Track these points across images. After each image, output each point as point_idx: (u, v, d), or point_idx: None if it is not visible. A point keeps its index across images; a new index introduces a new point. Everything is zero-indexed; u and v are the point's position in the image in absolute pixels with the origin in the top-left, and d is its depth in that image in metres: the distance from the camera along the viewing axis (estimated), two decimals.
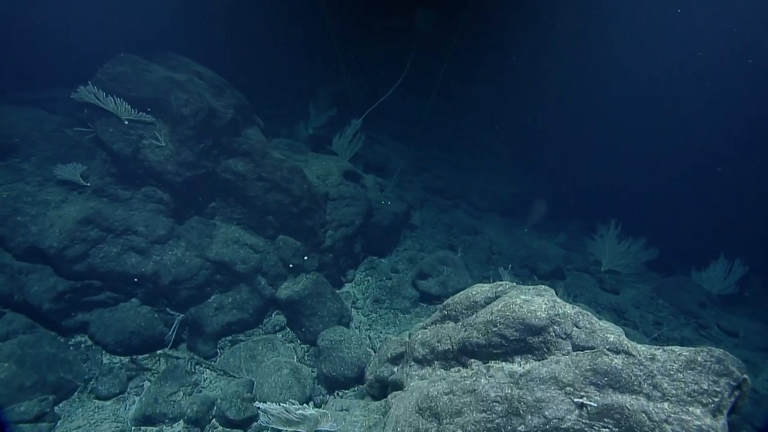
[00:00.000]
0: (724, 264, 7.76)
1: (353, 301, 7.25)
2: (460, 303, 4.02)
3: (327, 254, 6.88)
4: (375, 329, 6.83)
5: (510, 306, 3.42)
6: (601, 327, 3.16)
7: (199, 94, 5.39)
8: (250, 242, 6.37)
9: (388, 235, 8.42)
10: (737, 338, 7.08)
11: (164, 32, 8.15)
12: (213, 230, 6.16)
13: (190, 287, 5.64)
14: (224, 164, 5.98)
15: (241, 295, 6.22)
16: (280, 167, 6.22)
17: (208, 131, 5.51)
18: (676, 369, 2.83)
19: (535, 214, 10.83)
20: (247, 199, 6.21)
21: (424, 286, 7.40)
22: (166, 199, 5.56)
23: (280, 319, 6.48)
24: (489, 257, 8.54)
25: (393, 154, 13.85)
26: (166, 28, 8.13)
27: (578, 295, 7.74)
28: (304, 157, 7.88)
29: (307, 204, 6.39)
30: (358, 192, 7.47)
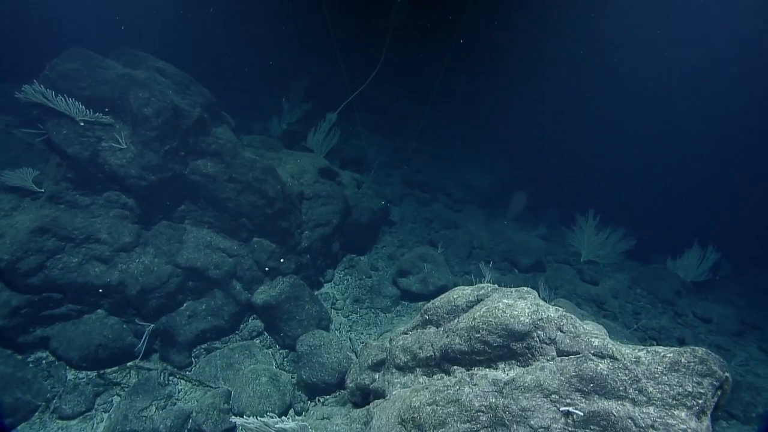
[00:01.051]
0: (698, 252, 7.95)
1: (333, 302, 7.09)
2: (441, 307, 3.91)
3: (304, 255, 6.68)
4: (356, 330, 6.70)
5: (492, 311, 3.33)
6: (585, 330, 3.10)
7: (162, 93, 5.06)
8: (223, 246, 6.11)
9: (367, 233, 8.27)
10: (711, 324, 7.26)
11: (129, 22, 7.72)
12: (183, 235, 5.87)
13: (160, 296, 5.36)
14: (192, 166, 5.69)
15: (216, 301, 5.98)
16: (253, 167, 5.96)
17: (173, 132, 5.21)
18: (660, 372, 2.79)
19: (515, 206, 10.86)
20: (218, 201, 5.94)
21: (405, 284, 7.30)
22: (131, 204, 5.25)
23: (257, 324, 6.27)
24: (470, 252, 8.50)
25: (370, 146, 13.65)
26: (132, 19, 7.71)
27: (559, 287, 7.79)
28: (277, 155, 7.61)
29: (282, 205, 6.16)
30: (334, 190, 7.27)
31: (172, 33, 12.05)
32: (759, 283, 10.02)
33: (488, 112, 16.01)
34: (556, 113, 15.15)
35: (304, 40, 16.31)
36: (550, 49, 13.76)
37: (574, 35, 13.47)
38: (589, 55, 13.55)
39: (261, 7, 14.68)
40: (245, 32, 15.31)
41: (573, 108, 14.64)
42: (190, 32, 12.44)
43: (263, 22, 14.97)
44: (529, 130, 15.56)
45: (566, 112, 15.02)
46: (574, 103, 14.53)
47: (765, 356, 6.87)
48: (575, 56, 13.75)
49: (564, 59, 13.94)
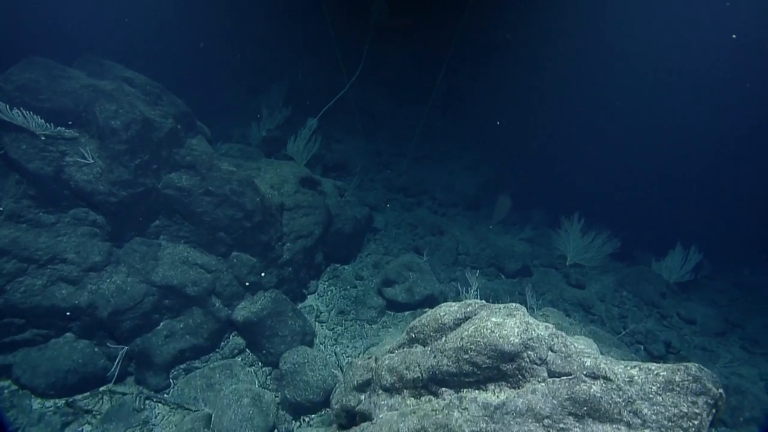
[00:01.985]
0: (681, 253, 8.02)
1: (317, 314, 6.90)
2: (428, 325, 3.77)
3: (286, 268, 6.47)
4: (341, 343, 6.53)
5: (481, 331, 3.20)
6: (576, 350, 3.00)
7: (131, 104, 4.81)
8: (200, 261, 5.87)
9: (351, 242, 8.11)
10: (695, 325, 7.31)
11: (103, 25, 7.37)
12: (158, 251, 5.62)
13: (134, 316, 5.10)
14: (166, 179, 5.44)
15: (194, 319, 5.74)
16: (230, 180, 5.74)
17: (144, 144, 4.95)
18: (654, 392, 2.70)
19: (500, 210, 10.82)
20: (194, 215, 5.70)
21: (390, 294, 7.16)
22: (101, 222, 4.97)
23: (239, 341, 6.05)
24: (455, 258, 8.40)
25: (352, 150, 13.47)
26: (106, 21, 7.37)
27: (546, 292, 7.76)
28: (256, 164, 7.38)
29: (261, 218, 5.95)
30: (316, 200, 7.08)
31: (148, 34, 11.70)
32: (738, 280, 10.19)
33: (469, 111, 15.94)
34: (539, 112, 15.20)
35: (284, 39, 16.03)
36: (533, 47, 13.79)
37: (558, 34, 13.54)
38: (573, 54, 13.63)
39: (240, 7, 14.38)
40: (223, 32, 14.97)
41: (556, 107, 14.70)
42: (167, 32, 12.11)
43: (243, 22, 14.65)
44: (512, 129, 15.55)
45: (549, 111, 15.08)
46: (558, 102, 14.59)
47: (747, 355, 6.95)
48: (559, 56, 13.81)
49: (548, 58, 13.99)
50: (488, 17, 12.98)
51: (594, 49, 13.44)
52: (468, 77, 16.01)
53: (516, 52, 14.13)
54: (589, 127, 14.34)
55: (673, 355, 6.30)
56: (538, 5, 12.90)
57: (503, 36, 13.65)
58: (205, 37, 14.75)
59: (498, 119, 15.38)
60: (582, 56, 13.71)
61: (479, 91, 15.53)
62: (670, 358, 6.26)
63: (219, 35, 15.06)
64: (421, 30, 15.00)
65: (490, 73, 14.98)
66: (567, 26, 13.36)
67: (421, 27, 14.87)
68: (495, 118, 15.60)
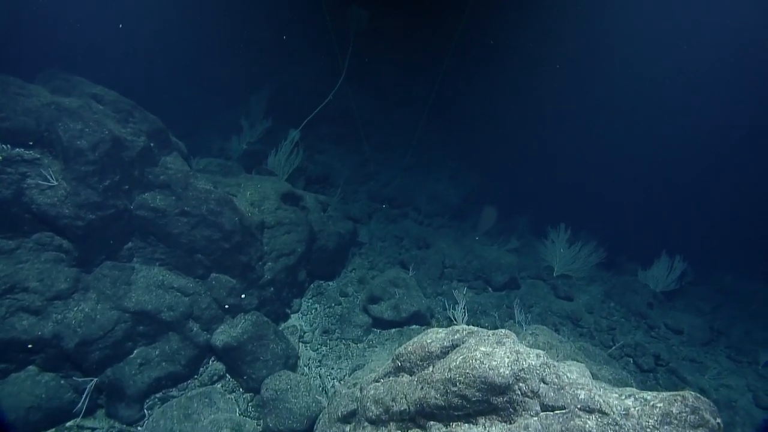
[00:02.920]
0: (666, 262, 8.05)
1: (300, 335, 6.67)
2: (414, 353, 3.61)
3: (267, 289, 6.24)
4: (326, 365, 6.31)
5: (469, 362, 3.05)
6: (569, 380, 2.87)
7: (98, 122, 4.56)
8: (177, 284, 5.61)
9: (335, 257, 7.91)
10: (682, 335, 7.31)
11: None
12: (131, 275, 5.34)
13: (104, 346, 4.81)
14: (139, 200, 5.18)
15: (171, 345, 5.46)
16: (207, 199, 5.50)
17: (114, 165, 4.70)
18: (652, 425, 2.58)
19: (486, 220, 10.76)
20: (170, 237, 5.45)
21: (376, 311, 6.98)
22: (67, 246, 4.69)
23: (219, 367, 5.78)
24: (442, 272, 8.27)
25: (336, 162, 13.30)
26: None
27: (534, 304, 7.68)
28: (236, 180, 7.15)
29: (240, 238, 5.72)
30: (298, 216, 6.87)
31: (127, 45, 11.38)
32: (720, 286, 10.30)
33: (453, 119, 15.92)
34: (523, 119, 15.27)
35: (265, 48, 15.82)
36: (518, 56, 13.86)
37: (544, 42, 13.64)
38: (558, 63, 13.75)
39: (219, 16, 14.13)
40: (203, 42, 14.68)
41: (540, 114, 14.79)
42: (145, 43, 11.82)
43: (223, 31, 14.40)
44: (496, 137, 15.58)
45: (533, 119, 15.15)
46: (542, 110, 14.68)
47: (733, 365, 6.96)
48: (545, 64, 13.92)
49: (533, 66, 14.08)
50: (474, 26, 13.02)
51: (580, 59, 13.60)
52: (452, 85, 16.04)
53: (500, 59, 14.19)
54: (573, 134, 14.46)
55: (663, 367, 6.25)
56: (522, 13, 12.98)
57: (487, 43, 13.69)
58: (183, 47, 14.45)
59: (482, 127, 15.40)
60: (567, 65, 13.85)
61: (462, 100, 15.54)
62: (660, 370, 6.21)
63: (198, 45, 14.77)
64: (406, 38, 14.97)
65: (473, 82, 15.00)
66: (552, 34, 13.49)
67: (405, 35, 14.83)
68: (478, 127, 15.62)
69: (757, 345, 7.76)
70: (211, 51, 15.12)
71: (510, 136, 15.49)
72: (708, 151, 13.39)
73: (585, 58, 13.60)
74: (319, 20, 15.09)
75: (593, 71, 13.68)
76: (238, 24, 14.48)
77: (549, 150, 14.87)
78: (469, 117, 15.31)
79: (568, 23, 12.97)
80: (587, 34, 13.03)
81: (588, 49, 13.29)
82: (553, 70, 13.69)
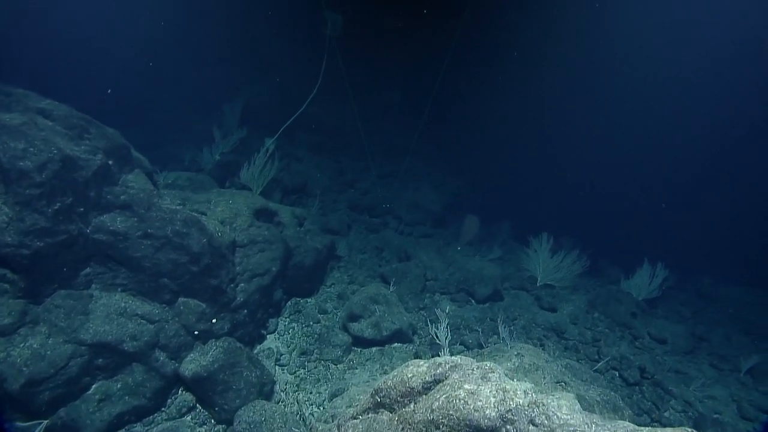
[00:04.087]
0: (648, 270, 8.04)
1: (277, 357, 6.34)
2: (395, 389, 3.36)
3: (240, 312, 5.90)
4: (304, 389, 6.00)
5: (453, 402, 2.82)
6: (560, 421, 2.66)
7: (46, 140, 4.18)
8: (141, 311, 5.22)
9: (313, 274, 7.61)
10: (666, 345, 7.27)
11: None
12: (89, 303, 4.93)
13: (55, 385, 4.40)
14: (97, 223, 4.80)
15: (134, 377, 5.08)
16: (172, 220, 5.15)
17: (65, 186, 4.32)
18: None
19: (468, 230, 10.61)
20: (132, 261, 5.07)
21: (356, 330, 6.71)
22: (11, 277, 4.27)
23: (188, 397, 5.41)
24: (424, 285, 8.06)
25: (313, 170, 12.98)
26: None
27: (518, 317, 7.54)
28: (206, 195, 6.79)
29: (210, 260, 5.38)
30: (272, 233, 6.55)
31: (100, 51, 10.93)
32: (700, 290, 10.40)
33: (429, 123, 15.81)
34: (502, 123, 15.26)
35: (239, 55, 15.43)
36: (491, 55, 13.83)
37: (526, 48, 13.65)
38: (539, 69, 13.77)
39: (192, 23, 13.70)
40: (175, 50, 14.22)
41: (519, 118, 14.79)
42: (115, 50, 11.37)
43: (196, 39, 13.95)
44: (474, 140, 15.52)
45: (512, 122, 15.15)
46: (521, 116, 14.69)
47: (716, 373, 6.95)
48: (526, 69, 13.92)
49: (507, 68, 14.07)
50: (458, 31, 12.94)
51: (562, 65, 13.66)
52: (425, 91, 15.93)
53: (483, 64, 14.15)
54: (553, 138, 14.51)
55: (648, 380, 6.16)
56: (502, 19, 12.96)
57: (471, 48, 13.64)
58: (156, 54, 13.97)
59: (462, 133, 15.32)
60: (548, 71, 13.90)
61: (442, 106, 15.44)
62: (645, 383, 6.12)
63: (172, 52, 14.30)
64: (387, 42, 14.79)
65: (452, 87, 14.93)
66: (537, 39, 13.52)
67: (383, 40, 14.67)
68: (459, 132, 15.54)
69: (737, 350, 7.81)
70: (184, 58, 14.66)
71: (491, 140, 15.46)
72: (687, 155, 13.62)
73: (568, 63, 13.68)
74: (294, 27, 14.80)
75: (575, 77, 13.77)
76: (213, 31, 14.08)
77: (530, 155, 14.90)
78: (450, 122, 15.23)
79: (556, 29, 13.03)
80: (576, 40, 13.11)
81: (574, 54, 13.37)
82: (536, 75, 13.73)
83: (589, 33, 12.69)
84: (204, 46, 14.51)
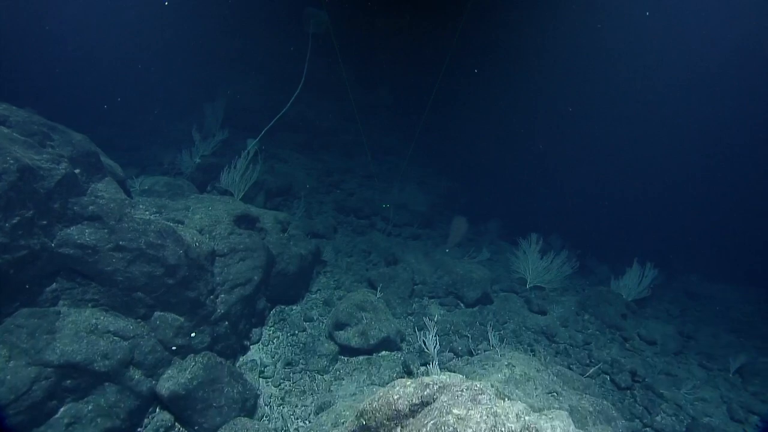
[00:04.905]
0: (638, 270, 7.99)
1: (261, 369, 6.11)
2: (380, 411, 3.17)
3: (221, 324, 5.66)
4: (289, 402, 5.79)
5: (441, 429, 2.65)
6: None
7: (1, 149, 3.87)
8: (114, 327, 4.94)
9: (297, 281, 7.39)
10: (656, 346, 7.23)
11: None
12: (56, 321, 4.64)
13: (17, 412, 4.10)
14: (62, 236, 4.50)
15: (107, 398, 4.79)
16: (146, 231, 4.88)
17: (24, 199, 4.02)
18: None
19: (456, 232, 10.47)
20: (103, 275, 4.78)
21: (343, 339, 6.51)
22: None
23: (166, 417, 5.14)
24: (412, 290, 7.89)
25: (298, 171, 12.71)
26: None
27: (508, 320, 7.42)
28: (184, 202, 6.50)
29: (187, 272, 5.12)
30: (253, 241, 6.30)
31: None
32: (686, 288, 10.44)
33: (413, 122, 15.67)
34: (488, 121, 15.17)
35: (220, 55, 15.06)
36: (479, 55, 13.71)
37: (510, 44, 13.54)
38: (525, 63, 13.68)
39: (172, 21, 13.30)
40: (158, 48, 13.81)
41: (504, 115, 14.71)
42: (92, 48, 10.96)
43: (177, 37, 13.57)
44: (460, 138, 15.41)
45: (497, 120, 15.08)
46: (507, 113, 14.61)
47: (706, 374, 6.92)
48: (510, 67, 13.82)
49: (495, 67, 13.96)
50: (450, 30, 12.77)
51: (549, 64, 13.59)
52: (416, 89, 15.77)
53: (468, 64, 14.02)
54: (540, 137, 14.46)
55: (639, 383, 6.09)
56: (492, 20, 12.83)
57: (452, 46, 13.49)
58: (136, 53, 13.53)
59: (449, 132, 15.18)
60: (536, 70, 13.82)
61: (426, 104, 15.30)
62: (637, 387, 6.05)
63: (152, 52, 13.88)
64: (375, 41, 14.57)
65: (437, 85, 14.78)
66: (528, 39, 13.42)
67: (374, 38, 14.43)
68: (446, 131, 15.40)
69: (724, 349, 7.82)
70: (165, 57, 14.24)
71: (477, 139, 15.36)
72: (673, 154, 13.70)
73: (556, 62, 13.62)
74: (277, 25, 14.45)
75: (563, 75, 13.72)
76: (194, 30, 13.70)
77: (517, 153, 14.84)
78: (437, 124, 15.09)
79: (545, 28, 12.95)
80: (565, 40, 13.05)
81: (562, 53, 13.31)
82: (524, 74, 13.64)
83: (580, 32, 12.64)
84: (187, 45, 14.13)
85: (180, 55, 14.29)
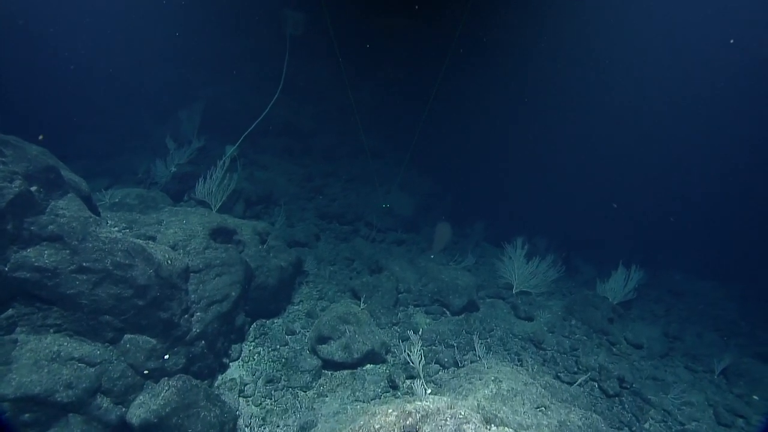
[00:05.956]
0: (623, 273, 7.97)
1: (240, 389, 5.86)
2: None
3: (197, 344, 5.39)
4: (270, 422, 5.54)
5: None
6: None
7: None
8: (79, 354, 4.64)
9: (278, 293, 7.15)
10: (642, 349, 7.21)
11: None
12: (13, 350, 4.32)
13: None
14: (17, 259, 4.19)
15: (71, 429, 4.50)
16: (112, 250, 4.59)
17: None
18: None
19: (440, 239, 10.34)
20: (65, 298, 4.49)
21: (326, 353, 6.30)
22: None
23: None
24: (396, 299, 7.72)
25: (279, 177, 12.43)
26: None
27: (494, 328, 7.31)
28: (157, 215, 6.20)
29: (158, 292, 4.85)
30: (230, 255, 6.04)
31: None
32: (670, 286, 10.50)
33: (395, 123, 15.48)
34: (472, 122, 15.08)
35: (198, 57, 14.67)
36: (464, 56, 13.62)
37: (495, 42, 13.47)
38: (510, 64, 13.63)
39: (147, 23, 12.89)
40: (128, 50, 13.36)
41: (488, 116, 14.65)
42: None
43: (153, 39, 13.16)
44: (444, 139, 15.29)
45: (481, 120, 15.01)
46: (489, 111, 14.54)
47: (692, 376, 6.92)
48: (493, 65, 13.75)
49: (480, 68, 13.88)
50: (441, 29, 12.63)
51: (531, 57, 13.56)
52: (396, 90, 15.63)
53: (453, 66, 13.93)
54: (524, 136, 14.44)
55: (627, 390, 6.03)
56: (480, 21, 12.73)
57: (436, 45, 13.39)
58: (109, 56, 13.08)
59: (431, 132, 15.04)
60: (521, 71, 13.79)
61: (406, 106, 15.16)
62: (625, 393, 5.98)
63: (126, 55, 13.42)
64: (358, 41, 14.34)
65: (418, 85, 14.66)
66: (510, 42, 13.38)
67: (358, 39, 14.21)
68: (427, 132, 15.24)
69: (709, 348, 7.86)
70: (140, 60, 13.81)
71: (461, 140, 15.27)
72: (657, 151, 13.81)
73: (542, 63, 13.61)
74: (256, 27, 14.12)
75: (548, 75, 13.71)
76: (170, 32, 13.31)
77: (501, 153, 14.80)
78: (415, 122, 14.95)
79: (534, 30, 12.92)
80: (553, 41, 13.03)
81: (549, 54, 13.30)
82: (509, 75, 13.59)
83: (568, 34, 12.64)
84: (162, 47, 13.73)
85: (159, 57, 13.90)
